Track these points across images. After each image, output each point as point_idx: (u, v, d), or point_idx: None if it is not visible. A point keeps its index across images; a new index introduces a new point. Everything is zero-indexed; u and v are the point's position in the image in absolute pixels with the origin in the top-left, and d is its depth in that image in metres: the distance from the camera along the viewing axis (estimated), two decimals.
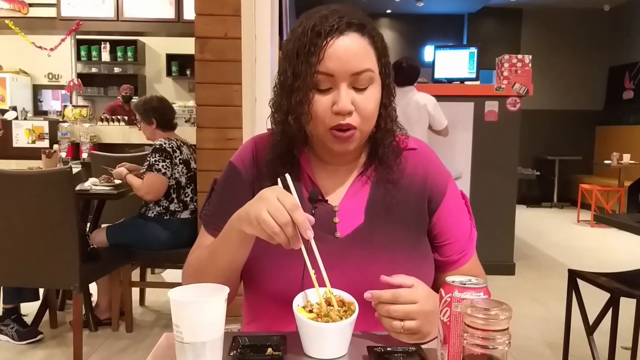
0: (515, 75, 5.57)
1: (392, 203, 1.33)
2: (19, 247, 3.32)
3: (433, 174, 1.38)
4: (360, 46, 1.22)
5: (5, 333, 3.69)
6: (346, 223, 1.33)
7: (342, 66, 1.20)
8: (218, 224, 1.32)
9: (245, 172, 1.39)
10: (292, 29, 1.26)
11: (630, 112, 10.42)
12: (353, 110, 1.21)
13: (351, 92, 1.22)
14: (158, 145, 3.83)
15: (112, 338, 3.88)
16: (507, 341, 0.87)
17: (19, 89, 10.12)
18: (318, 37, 1.19)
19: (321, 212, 1.32)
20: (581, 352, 3.39)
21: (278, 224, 1.07)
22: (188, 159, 3.92)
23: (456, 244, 1.38)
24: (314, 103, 1.22)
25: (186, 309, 1.01)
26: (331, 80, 1.21)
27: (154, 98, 4.17)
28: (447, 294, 1.02)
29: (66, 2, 7.50)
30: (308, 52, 1.20)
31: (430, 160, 1.41)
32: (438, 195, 1.37)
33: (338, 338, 1.10)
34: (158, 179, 3.76)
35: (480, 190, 5.47)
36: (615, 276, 3.25)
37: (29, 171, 3.70)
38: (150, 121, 4.04)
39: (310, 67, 1.19)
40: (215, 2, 3.33)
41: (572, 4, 10.67)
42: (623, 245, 7.12)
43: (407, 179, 1.36)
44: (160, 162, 3.76)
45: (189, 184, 3.90)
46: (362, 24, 1.23)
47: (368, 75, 1.22)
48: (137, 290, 4.50)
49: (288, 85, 1.24)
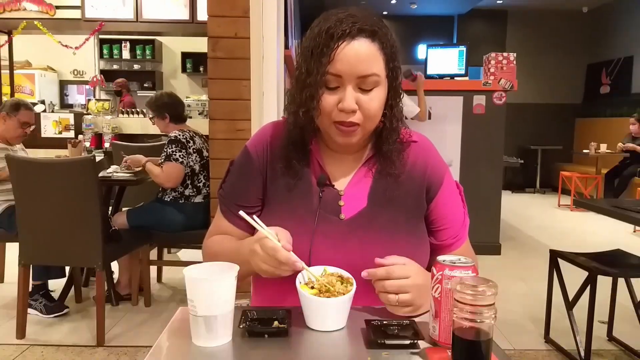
0: (501, 71, 5.55)
1: (393, 191, 1.34)
2: (47, 229, 3.33)
3: (432, 165, 1.38)
4: (369, 52, 1.21)
5: (35, 307, 3.70)
6: (350, 206, 1.33)
7: (350, 69, 1.19)
8: (230, 204, 1.39)
9: (257, 158, 1.38)
10: (310, 27, 1.26)
11: (607, 105, 10.39)
12: (357, 109, 1.22)
13: (357, 92, 1.22)
14: (173, 137, 3.82)
15: (132, 312, 3.90)
16: (493, 315, 0.87)
17: (47, 84, 10.12)
18: (331, 40, 1.19)
19: (328, 196, 1.33)
20: (561, 326, 3.40)
21: (274, 267, 1.14)
22: (200, 148, 3.91)
23: (451, 229, 1.38)
24: (322, 99, 1.22)
25: (200, 286, 1.01)
26: (339, 80, 1.21)
27: (164, 94, 4.16)
28: (439, 272, 1.02)
29: (90, 5, 7.48)
30: (320, 52, 1.20)
31: (429, 152, 1.41)
32: (436, 185, 1.37)
33: (338, 312, 1.10)
34: (176, 168, 3.76)
35: (468, 177, 5.46)
36: (593, 256, 3.25)
37: (56, 159, 3.71)
38: (164, 116, 4.02)
39: (321, 66, 1.20)
40: (226, 4, 3.32)
41: (553, 6, 10.62)
42: (600, 228, 7.11)
43: (408, 168, 1.36)
44: (177, 152, 3.76)
45: (202, 171, 3.90)
46: (374, 30, 1.21)
47: (374, 79, 1.21)
48: (154, 268, 4.52)
49: (301, 80, 1.24)
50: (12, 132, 3.97)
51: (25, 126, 3.99)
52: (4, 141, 3.98)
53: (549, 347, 3.40)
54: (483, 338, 0.88)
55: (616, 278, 3.33)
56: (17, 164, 3.32)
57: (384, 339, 1.02)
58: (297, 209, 1.31)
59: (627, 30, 10.02)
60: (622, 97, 9.98)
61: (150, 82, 10.21)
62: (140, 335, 3.49)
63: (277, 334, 1.06)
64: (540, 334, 3.54)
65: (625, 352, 3.33)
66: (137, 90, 9.98)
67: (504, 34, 11.18)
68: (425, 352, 1.00)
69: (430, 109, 5.48)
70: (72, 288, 4.05)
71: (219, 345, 1.02)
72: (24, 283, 3.38)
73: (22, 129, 3.98)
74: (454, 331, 0.91)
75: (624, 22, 10.11)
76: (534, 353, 3.34)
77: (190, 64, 10.27)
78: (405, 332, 1.06)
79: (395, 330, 1.06)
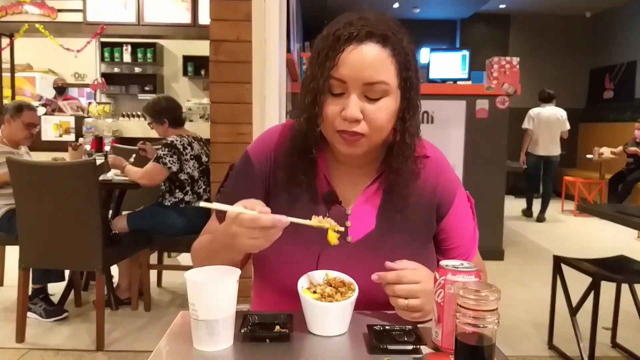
0: (504, 76, 5.55)
1: (403, 212, 1.28)
2: (47, 233, 3.33)
3: (443, 183, 1.32)
4: (378, 57, 1.14)
5: (34, 311, 3.70)
6: (357, 228, 1.28)
7: (355, 75, 1.13)
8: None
9: (258, 166, 1.32)
10: (324, 29, 1.19)
11: (610, 110, 10.40)
12: (361, 118, 1.14)
13: (362, 101, 1.15)
14: (170, 141, 3.83)
15: (131, 316, 3.90)
16: (496, 321, 0.87)
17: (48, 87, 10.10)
18: (337, 43, 1.14)
19: (334, 215, 1.22)
20: (565, 332, 3.39)
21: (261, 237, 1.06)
22: (199, 154, 3.92)
23: (460, 247, 1.34)
24: (325, 105, 1.16)
25: (201, 289, 1.01)
26: (343, 86, 1.14)
27: (162, 99, 4.16)
28: (441, 277, 1.02)
29: (91, 8, 7.52)
30: (325, 56, 1.14)
31: (441, 168, 1.34)
32: (447, 203, 1.32)
33: (340, 316, 1.10)
34: (158, 169, 3.76)
35: (471, 182, 5.44)
36: (597, 262, 3.24)
37: (56, 162, 3.72)
38: (162, 121, 4.01)
39: (325, 70, 1.14)
40: (228, 8, 3.32)
41: (556, 11, 10.64)
42: (604, 233, 7.10)
43: (418, 187, 1.29)
44: (168, 157, 3.76)
45: (201, 177, 3.90)
46: (385, 35, 1.14)
47: (382, 87, 1.14)
48: (154, 273, 4.52)
49: (306, 85, 1.19)
50: (19, 134, 4.00)
51: (30, 127, 4.03)
52: (13, 144, 4.03)
53: (552, 354, 3.39)
54: (486, 343, 0.88)
55: (620, 284, 3.33)
56: (17, 167, 3.32)
57: (386, 344, 1.01)
58: (301, 231, 1.17)
59: (630, 35, 10.04)
60: (626, 102, 9.99)
61: (152, 85, 10.21)
62: (140, 340, 3.48)
63: (279, 339, 1.06)
64: (543, 340, 3.53)
65: (630, 358, 3.32)
66: (138, 93, 9.99)
67: (507, 39, 11.19)
68: (428, 357, 1.00)
69: (433, 113, 5.49)
70: (72, 292, 4.04)
71: (221, 349, 1.02)
72: (23, 286, 3.38)
73: (27, 130, 4.01)
74: (457, 336, 0.90)
75: (627, 27, 10.12)
76: (537, 359, 3.34)
77: (191, 68, 10.27)
78: (407, 338, 1.05)
79: (398, 336, 1.06)
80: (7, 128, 4.01)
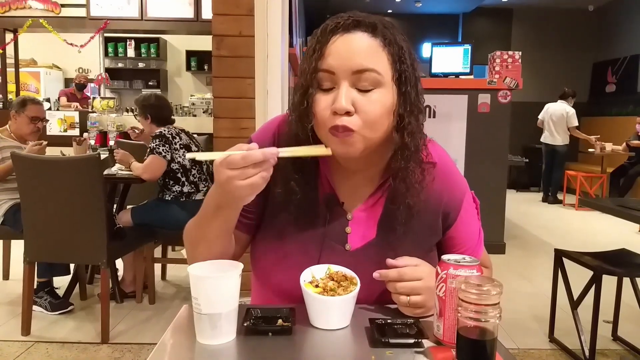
0: (506, 70, 5.53)
1: (406, 221, 1.21)
2: (52, 226, 3.34)
3: (450, 191, 1.26)
4: (367, 45, 1.08)
5: (40, 304, 3.72)
6: (357, 235, 1.23)
7: (343, 63, 1.07)
8: None
9: None
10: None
11: (613, 104, 10.37)
12: (352, 110, 1.06)
13: (353, 92, 1.07)
14: (158, 132, 3.89)
15: (136, 309, 3.91)
16: (497, 315, 0.87)
17: (52, 82, 10.12)
18: (324, 35, 1.10)
19: (334, 221, 1.22)
20: (566, 326, 3.39)
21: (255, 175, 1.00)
22: (188, 144, 3.99)
23: (466, 251, 1.28)
24: (315, 102, 1.09)
25: (204, 283, 1.01)
26: (332, 78, 1.08)
27: (153, 96, 4.22)
28: (443, 271, 1.01)
29: (95, 3, 7.53)
30: (313, 49, 1.10)
31: (448, 175, 1.27)
32: (454, 212, 1.26)
33: (342, 310, 1.09)
34: (156, 160, 3.80)
35: (473, 176, 5.41)
36: (598, 255, 3.24)
37: (61, 157, 3.74)
38: (146, 116, 4.11)
39: (312, 63, 1.09)
40: (231, 3, 3.32)
41: (559, 5, 10.61)
42: (605, 227, 7.10)
43: (424, 196, 1.20)
44: (160, 146, 3.81)
45: (193, 166, 3.94)
46: (374, 24, 1.09)
47: (372, 75, 1.07)
48: (159, 266, 4.53)
49: (296, 84, 1.14)
50: (25, 128, 4.03)
51: (35, 121, 4.04)
52: (20, 139, 4.05)
53: (554, 347, 3.39)
54: (487, 337, 0.88)
55: (621, 277, 3.33)
56: (22, 161, 3.32)
57: (388, 338, 1.01)
58: (300, 235, 1.18)
59: (633, 28, 10.00)
60: (628, 96, 9.96)
61: (155, 80, 10.21)
62: (144, 333, 3.49)
63: (281, 332, 1.06)
64: (544, 334, 3.53)
65: (631, 352, 3.32)
66: (142, 88, 9.99)
67: (509, 33, 11.16)
68: (430, 351, 1.00)
69: (435, 107, 5.47)
70: (77, 285, 4.06)
71: (223, 342, 1.02)
72: (29, 280, 3.39)
73: (33, 124, 4.03)
74: (459, 330, 0.90)
75: (630, 20, 10.08)
76: (538, 352, 3.34)
77: (194, 62, 10.26)
78: (409, 331, 1.05)
79: (400, 329, 1.06)
80: (14, 123, 4.04)
